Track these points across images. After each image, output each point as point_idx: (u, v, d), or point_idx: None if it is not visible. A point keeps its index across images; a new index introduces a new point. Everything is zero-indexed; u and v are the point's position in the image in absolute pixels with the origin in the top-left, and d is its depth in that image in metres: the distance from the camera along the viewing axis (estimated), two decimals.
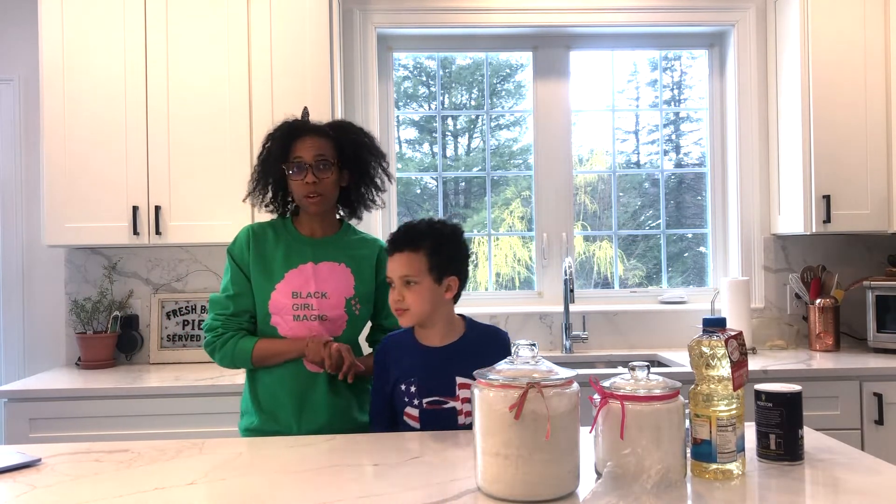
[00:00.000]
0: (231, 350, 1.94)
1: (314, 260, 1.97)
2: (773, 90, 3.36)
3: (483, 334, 1.85)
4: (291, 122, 2.00)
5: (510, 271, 3.60)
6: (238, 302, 1.96)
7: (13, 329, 3.29)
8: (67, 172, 2.91)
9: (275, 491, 1.38)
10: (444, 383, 1.78)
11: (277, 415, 1.94)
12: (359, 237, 2.08)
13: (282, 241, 1.99)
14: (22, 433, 2.60)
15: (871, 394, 2.75)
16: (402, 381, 1.81)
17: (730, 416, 1.40)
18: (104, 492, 1.39)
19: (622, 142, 3.71)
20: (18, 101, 3.29)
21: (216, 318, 1.97)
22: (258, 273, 1.96)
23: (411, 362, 1.80)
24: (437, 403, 1.78)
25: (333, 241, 2.02)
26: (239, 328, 1.96)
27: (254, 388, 1.98)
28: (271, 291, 1.94)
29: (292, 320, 1.94)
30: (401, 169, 3.56)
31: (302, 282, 1.94)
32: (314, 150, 1.92)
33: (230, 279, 1.98)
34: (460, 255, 1.82)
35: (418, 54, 3.61)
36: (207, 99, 2.93)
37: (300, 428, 1.92)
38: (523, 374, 1.32)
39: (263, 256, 1.97)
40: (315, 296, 1.94)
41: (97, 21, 2.93)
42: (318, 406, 1.93)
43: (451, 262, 1.78)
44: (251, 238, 1.99)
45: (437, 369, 1.78)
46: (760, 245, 3.40)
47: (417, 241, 1.75)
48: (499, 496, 1.30)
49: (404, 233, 1.79)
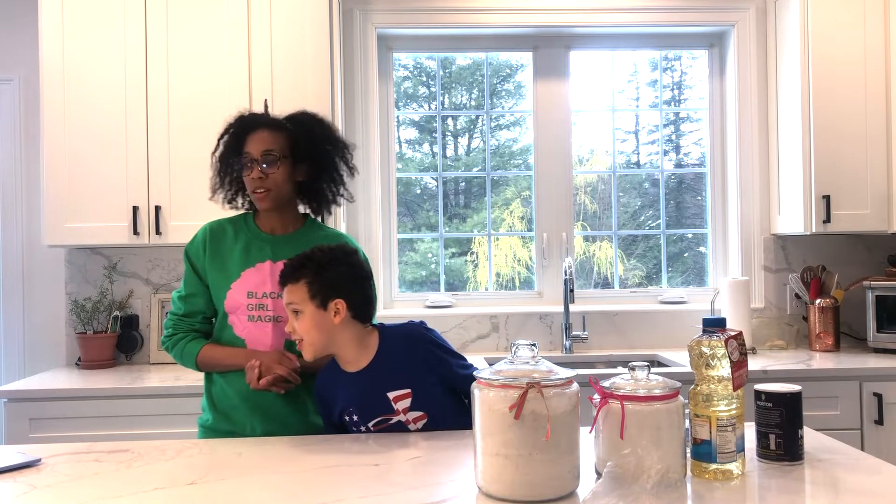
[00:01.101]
0: (179, 352, 1.93)
1: (273, 258, 1.91)
2: (773, 90, 3.36)
3: (398, 338, 1.80)
4: (245, 115, 1.95)
5: (510, 271, 3.60)
6: (189, 303, 1.94)
7: (13, 329, 3.29)
8: (67, 172, 2.91)
9: (275, 491, 1.38)
10: (380, 403, 1.76)
11: (230, 415, 1.91)
12: (323, 234, 1.99)
13: (241, 238, 1.95)
14: (22, 433, 2.60)
15: (871, 394, 2.75)
16: (345, 413, 1.80)
17: (730, 416, 1.40)
18: (104, 492, 1.39)
19: (622, 142, 3.71)
20: (18, 101, 3.29)
21: (170, 319, 1.96)
22: (216, 271, 1.92)
23: (345, 393, 1.79)
24: (383, 422, 1.78)
25: (294, 239, 1.95)
26: (190, 329, 1.94)
27: (209, 387, 1.97)
28: (227, 290, 1.90)
29: (247, 321, 1.89)
30: (401, 169, 3.56)
31: (258, 281, 1.89)
32: (262, 145, 1.87)
33: (184, 280, 1.96)
34: (346, 277, 1.75)
35: (418, 54, 3.61)
36: (207, 99, 2.93)
37: (254, 429, 1.89)
38: (523, 374, 1.32)
39: (221, 254, 1.93)
40: (271, 296, 1.89)
41: (97, 21, 2.93)
42: (270, 408, 1.89)
43: (334, 285, 1.72)
44: (208, 237, 1.95)
45: (369, 392, 1.76)
46: (760, 245, 3.40)
47: (297, 271, 1.73)
48: (499, 496, 1.30)
49: (287, 266, 1.76)
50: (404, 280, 3.55)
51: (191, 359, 1.92)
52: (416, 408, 1.77)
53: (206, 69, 2.94)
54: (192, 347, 1.91)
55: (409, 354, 1.77)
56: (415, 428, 1.79)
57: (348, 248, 1.82)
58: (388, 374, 1.76)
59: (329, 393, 1.83)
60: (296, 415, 1.92)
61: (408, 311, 3.32)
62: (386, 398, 1.76)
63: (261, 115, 1.96)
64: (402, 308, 3.40)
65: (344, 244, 1.84)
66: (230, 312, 1.91)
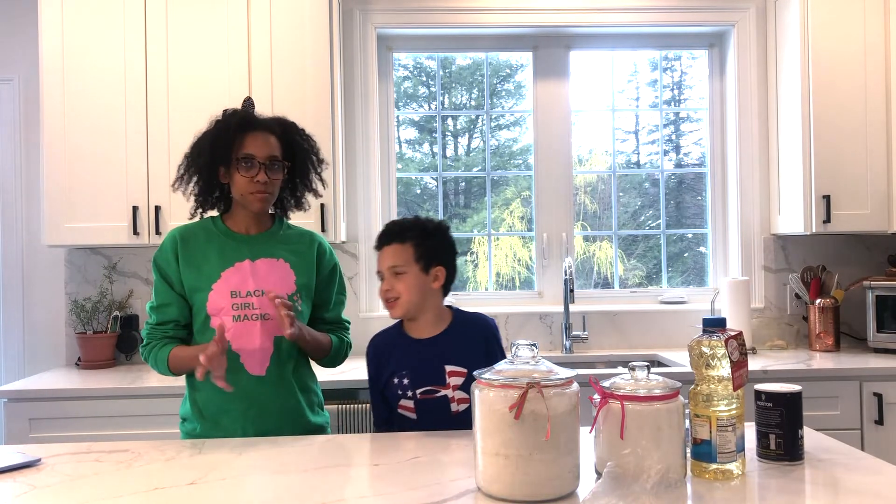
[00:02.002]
0: (154, 360, 1.90)
1: (251, 257, 1.90)
2: (773, 90, 3.36)
3: (470, 322, 1.94)
4: (242, 113, 1.92)
5: (510, 271, 3.60)
6: (161, 312, 1.91)
7: (13, 329, 3.29)
8: (67, 172, 2.91)
9: (275, 491, 1.38)
10: (434, 373, 1.85)
11: (220, 421, 1.87)
12: (295, 231, 2.01)
13: (214, 240, 1.92)
14: (22, 433, 2.60)
15: (871, 394, 2.75)
16: (396, 375, 1.87)
17: (730, 416, 1.40)
18: (104, 492, 1.39)
19: (622, 142, 3.71)
20: (18, 101, 3.29)
21: (145, 329, 1.94)
22: (191, 277, 1.88)
23: (402, 356, 1.86)
24: (430, 393, 1.85)
25: (268, 237, 1.95)
26: (164, 336, 1.91)
27: (193, 395, 1.92)
28: (208, 292, 1.86)
29: (232, 321, 1.85)
30: (401, 169, 3.56)
31: (240, 280, 1.87)
32: (268, 150, 1.87)
33: (154, 289, 1.93)
34: (446, 247, 1.91)
35: (418, 54, 3.61)
36: (207, 99, 2.93)
37: (247, 432, 1.85)
38: (523, 374, 1.32)
39: (195, 258, 1.89)
40: (255, 294, 1.87)
41: (97, 21, 2.93)
42: (264, 410, 1.87)
43: (437, 252, 1.88)
44: (178, 243, 1.90)
45: (428, 360, 1.86)
46: (760, 245, 3.40)
47: (404, 233, 1.86)
48: (499, 496, 1.30)
49: (391, 227, 1.90)
50: None
51: (163, 364, 1.88)
52: (465, 389, 1.83)
53: (206, 69, 2.94)
54: (163, 353, 1.88)
55: (475, 339, 1.89)
56: (456, 408, 1.84)
57: (446, 224, 1.95)
58: (452, 349, 1.86)
59: (384, 353, 1.91)
60: (290, 414, 1.90)
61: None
62: (442, 370, 1.84)
63: (260, 118, 1.94)
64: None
65: (441, 221, 1.96)
66: (213, 314, 1.86)
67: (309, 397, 1.97)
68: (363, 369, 2.73)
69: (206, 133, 1.91)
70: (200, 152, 1.89)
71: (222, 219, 1.96)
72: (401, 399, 1.86)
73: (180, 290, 1.90)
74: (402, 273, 1.84)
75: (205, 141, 1.90)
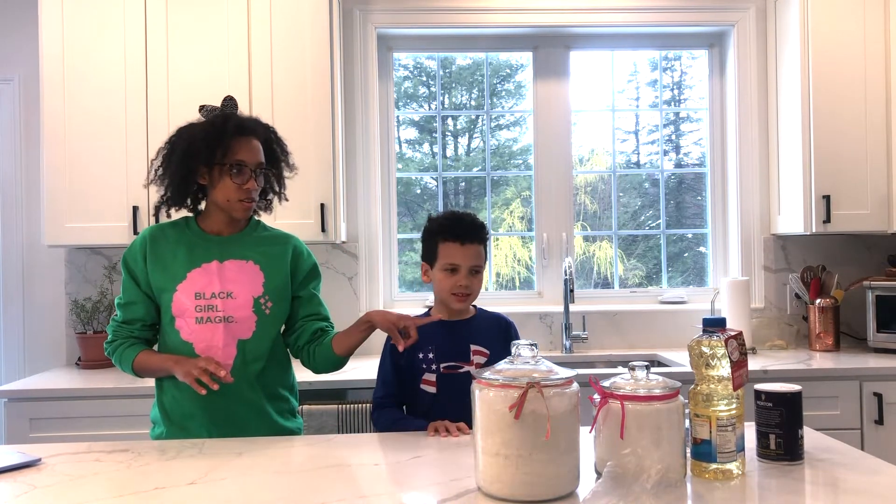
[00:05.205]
0: (118, 358, 1.90)
1: (219, 258, 1.87)
2: (773, 90, 3.36)
3: (492, 317, 2.06)
4: (236, 119, 1.87)
5: (510, 271, 3.60)
6: (128, 310, 1.90)
7: (13, 329, 3.29)
8: (67, 172, 2.91)
9: (275, 491, 1.38)
10: (459, 350, 1.94)
11: (187, 425, 1.86)
12: (270, 233, 1.98)
13: (184, 240, 1.89)
14: (22, 433, 2.60)
15: (871, 394, 2.75)
16: (420, 350, 1.92)
17: (730, 416, 1.40)
18: (104, 492, 1.39)
19: (622, 142, 3.71)
20: (18, 101, 3.29)
21: (111, 324, 1.93)
22: (158, 276, 1.86)
23: (429, 332, 1.91)
24: (454, 368, 1.92)
25: (241, 239, 1.92)
26: (129, 335, 1.90)
27: (161, 398, 1.91)
28: (173, 293, 1.84)
29: (195, 323, 1.83)
30: (401, 169, 3.56)
31: (206, 282, 1.84)
32: (257, 156, 1.85)
33: (122, 286, 1.91)
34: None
35: (418, 54, 3.61)
36: (207, 99, 2.91)
37: (212, 437, 1.83)
38: (523, 374, 1.32)
39: (162, 258, 1.87)
40: (220, 296, 1.84)
41: (97, 21, 2.93)
42: (229, 414, 1.85)
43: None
44: (147, 242, 1.89)
45: (455, 338, 1.95)
46: (760, 245, 3.40)
47: (482, 234, 1.97)
48: (499, 496, 1.30)
49: (473, 224, 1.96)
50: (404, 280, 3.55)
51: (128, 365, 1.88)
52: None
53: (207, 69, 2.94)
54: (129, 354, 1.87)
55: (498, 328, 2.02)
56: None
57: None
58: (478, 331, 1.98)
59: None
60: (257, 420, 1.88)
61: (408, 311, 3.29)
62: (468, 348, 1.94)
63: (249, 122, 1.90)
64: (402, 308, 3.39)
65: None
66: (178, 316, 1.84)
67: (277, 404, 1.93)
68: (363, 369, 2.75)
69: (195, 132, 1.85)
70: (191, 152, 1.82)
71: (196, 220, 1.94)
72: (424, 373, 1.92)
73: (147, 289, 1.88)
74: (479, 272, 1.94)
75: (196, 141, 1.83)
